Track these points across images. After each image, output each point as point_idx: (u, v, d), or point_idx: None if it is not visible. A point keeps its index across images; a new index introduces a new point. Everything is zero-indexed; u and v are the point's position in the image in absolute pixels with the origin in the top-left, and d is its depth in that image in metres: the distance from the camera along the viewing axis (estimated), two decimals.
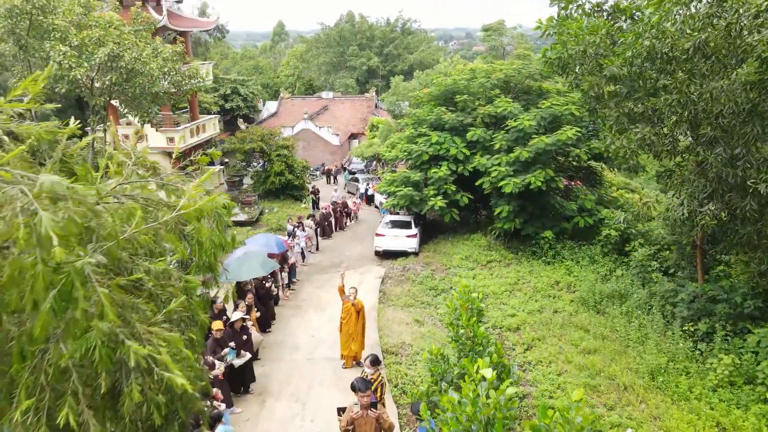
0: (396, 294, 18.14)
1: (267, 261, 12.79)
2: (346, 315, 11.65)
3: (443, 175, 22.25)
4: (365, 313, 12.17)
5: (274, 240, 15.20)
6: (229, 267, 12.41)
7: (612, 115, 13.38)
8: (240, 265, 12.25)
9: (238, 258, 12.70)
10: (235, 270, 12.25)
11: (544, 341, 14.90)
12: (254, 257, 12.57)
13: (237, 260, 12.54)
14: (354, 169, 46.02)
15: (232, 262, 12.56)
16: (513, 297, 18.14)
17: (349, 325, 11.65)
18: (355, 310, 11.69)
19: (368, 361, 8.82)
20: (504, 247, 22.49)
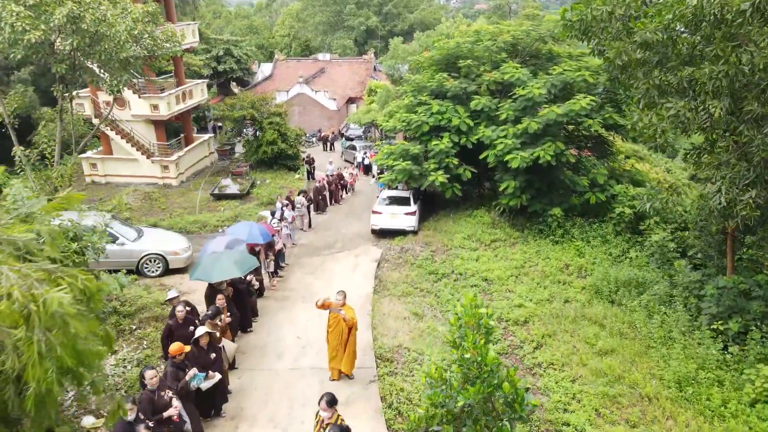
0: (393, 280, 16.57)
1: (245, 259, 11.14)
2: (334, 323, 10.07)
3: (445, 147, 20.41)
4: (356, 331, 10.53)
5: (258, 229, 13.53)
6: (200, 266, 10.78)
7: (640, 87, 11.53)
8: (212, 264, 10.61)
9: (212, 255, 11.06)
10: (205, 269, 10.62)
11: (555, 338, 13.40)
12: (229, 255, 10.90)
13: (210, 258, 10.89)
14: (351, 135, 44.01)
15: (204, 260, 10.93)
16: (519, 283, 16.58)
17: (336, 335, 10.08)
18: (346, 326, 10.10)
19: (324, 402, 7.20)
20: (509, 224, 20.84)
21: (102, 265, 15.14)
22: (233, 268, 10.46)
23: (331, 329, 10.10)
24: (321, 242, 20.08)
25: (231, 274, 10.53)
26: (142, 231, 16.36)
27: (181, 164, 29.52)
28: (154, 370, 7.72)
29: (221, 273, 10.43)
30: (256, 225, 13.84)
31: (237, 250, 11.78)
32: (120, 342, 11.74)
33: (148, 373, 7.63)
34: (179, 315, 9.64)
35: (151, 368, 7.73)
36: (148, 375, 7.62)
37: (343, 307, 10.08)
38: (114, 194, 27.43)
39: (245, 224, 13.83)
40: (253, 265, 11.23)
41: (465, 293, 7.88)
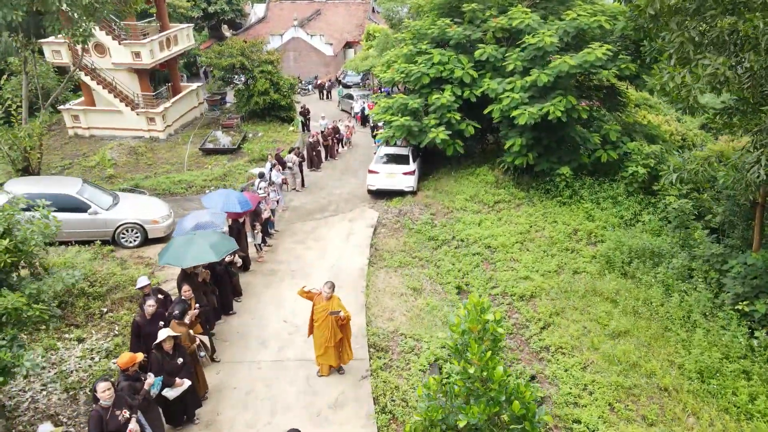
0: (389, 248, 15.39)
1: (223, 241, 9.80)
2: (321, 316, 8.90)
3: (446, 102, 18.79)
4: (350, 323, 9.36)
5: (236, 197, 12.18)
6: (171, 248, 9.54)
7: (673, 40, 9.94)
8: (185, 247, 9.33)
9: (186, 236, 9.74)
10: (176, 253, 9.35)
11: (563, 316, 12.33)
12: (205, 237, 9.60)
13: (183, 240, 9.58)
14: (349, 82, 41.92)
15: (176, 242, 9.65)
16: (525, 251, 15.41)
17: (324, 329, 8.94)
18: (337, 323, 8.92)
19: None
20: (513, 183, 19.47)
21: (74, 237, 13.98)
22: (209, 252, 9.21)
23: (317, 323, 8.96)
24: (314, 204, 18.79)
25: (206, 259, 9.29)
26: (117, 197, 15.04)
27: (168, 116, 27.87)
28: (108, 382, 6.59)
29: (195, 257, 9.20)
30: (234, 192, 12.48)
31: (214, 230, 10.47)
32: (88, 328, 10.66)
33: (100, 386, 6.52)
34: (148, 310, 8.47)
35: (105, 380, 6.60)
36: (100, 388, 6.50)
37: (329, 300, 8.88)
38: (98, 149, 26.02)
39: (221, 193, 12.45)
40: (231, 248, 9.93)
41: (470, 300, 6.66)
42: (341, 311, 8.76)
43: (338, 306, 8.81)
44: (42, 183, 14.17)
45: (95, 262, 12.33)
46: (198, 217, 11.19)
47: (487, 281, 14.06)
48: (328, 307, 8.82)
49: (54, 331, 10.26)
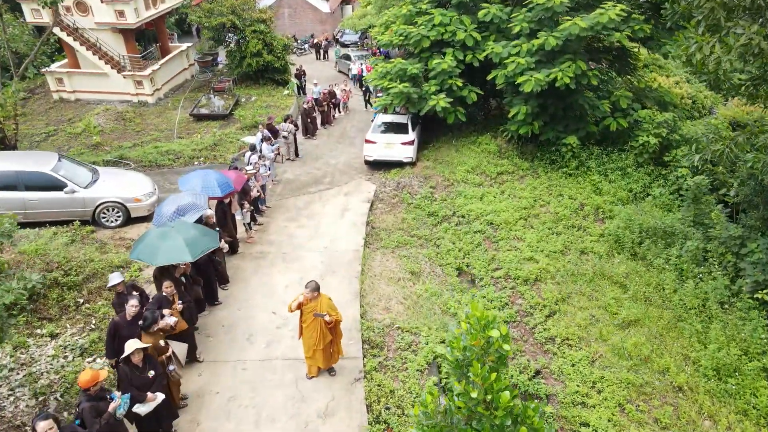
0: (387, 226, 14.54)
1: (202, 236, 8.73)
2: (309, 317, 8.10)
3: (448, 67, 17.61)
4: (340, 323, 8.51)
5: (215, 179, 11.17)
6: (144, 241, 8.67)
7: (703, 5, 8.82)
8: (158, 242, 8.43)
9: (162, 229, 8.79)
10: (149, 248, 8.45)
11: (570, 303, 11.60)
12: (181, 230, 8.66)
13: (157, 233, 8.65)
14: (347, 41, 40.19)
15: (151, 235, 8.75)
16: (529, 228, 14.58)
17: (312, 331, 8.16)
18: (326, 325, 8.10)
19: None
20: (517, 153, 18.48)
21: (51, 218, 13.12)
22: (183, 251, 8.30)
23: (305, 324, 8.18)
24: (308, 176, 17.83)
25: (179, 258, 8.40)
26: (97, 173, 14.08)
27: (157, 79, 26.57)
28: (49, 420, 5.66)
29: (168, 255, 8.32)
30: (212, 173, 11.47)
31: (197, 211, 9.56)
32: (62, 322, 9.92)
33: (39, 426, 5.64)
34: (130, 311, 7.65)
35: (45, 418, 5.66)
36: (40, 429, 5.65)
37: (316, 299, 8.07)
38: (84, 114, 24.86)
39: (198, 174, 11.41)
40: (210, 246, 8.94)
41: (472, 310, 5.83)
42: (326, 314, 7.96)
43: (327, 307, 8.01)
44: (14, 159, 13.20)
45: (72, 247, 11.50)
46: (178, 200, 10.28)
47: (489, 262, 13.27)
48: (315, 307, 8.03)
49: (25, 326, 9.53)
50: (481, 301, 11.81)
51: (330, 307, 7.97)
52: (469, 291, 12.36)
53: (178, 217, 9.95)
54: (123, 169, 17.55)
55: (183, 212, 9.99)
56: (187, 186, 11.15)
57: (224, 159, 18.83)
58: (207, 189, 11.06)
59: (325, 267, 12.08)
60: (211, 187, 11.13)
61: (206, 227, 9.49)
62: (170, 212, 10.05)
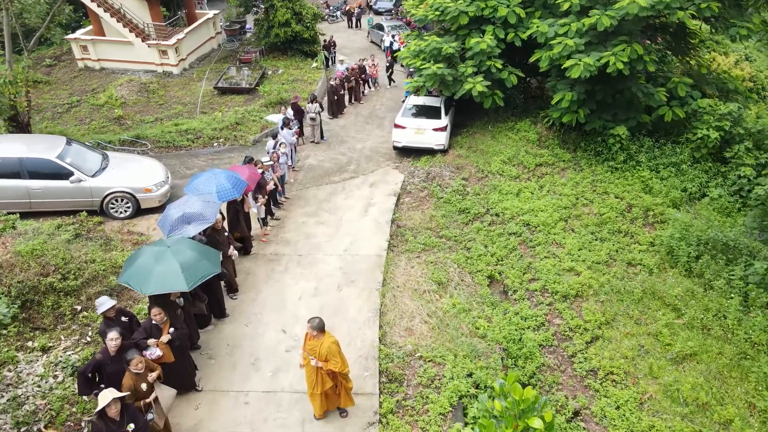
0: (413, 225, 13.29)
1: (200, 260, 7.55)
2: (311, 353, 6.95)
3: (486, 47, 15.94)
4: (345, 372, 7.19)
5: (227, 180, 9.94)
6: (136, 262, 7.60)
7: None
8: (152, 263, 7.27)
9: (157, 249, 7.58)
10: (138, 273, 7.34)
11: (615, 327, 10.27)
12: (181, 250, 7.44)
13: (152, 254, 7.48)
14: (381, 8, 38.19)
15: (144, 255, 7.63)
16: (570, 232, 13.17)
17: (311, 372, 7.05)
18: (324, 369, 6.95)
19: None
20: (558, 142, 16.86)
21: (56, 208, 12.25)
22: (178, 278, 7.14)
23: (305, 362, 7.07)
24: (332, 162, 16.59)
25: (174, 286, 7.25)
26: (107, 158, 13.10)
27: (182, 48, 25.40)
28: None
29: (160, 282, 7.19)
30: (222, 174, 10.25)
31: (195, 241, 8.32)
32: (57, 333, 9.07)
33: None
34: (111, 345, 6.68)
35: None
36: None
37: (318, 338, 6.91)
38: (108, 84, 23.98)
39: (210, 175, 10.17)
40: (210, 272, 7.73)
41: (508, 382, 4.64)
42: (320, 364, 6.79)
43: (326, 352, 6.78)
44: (19, 144, 12.28)
45: (73, 245, 10.61)
46: (187, 205, 9.15)
47: (524, 271, 11.97)
48: (315, 348, 6.89)
49: (15, 338, 8.71)
50: (514, 318, 10.57)
51: (331, 352, 6.76)
52: (501, 305, 11.12)
53: (182, 225, 8.88)
54: (139, 150, 16.61)
55: (188, 220, 8.90)
56: (199, 187, 9.97)
57: (245, 140, 17.71)
58: (222, 194, 9.93)
59: (343, 275, 10.96)
60: (226, 190, 10.00)
61: (208, 246, 8.36)
62: (175, 217, 8.98)
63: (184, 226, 8.92)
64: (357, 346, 8.97)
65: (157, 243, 7.91)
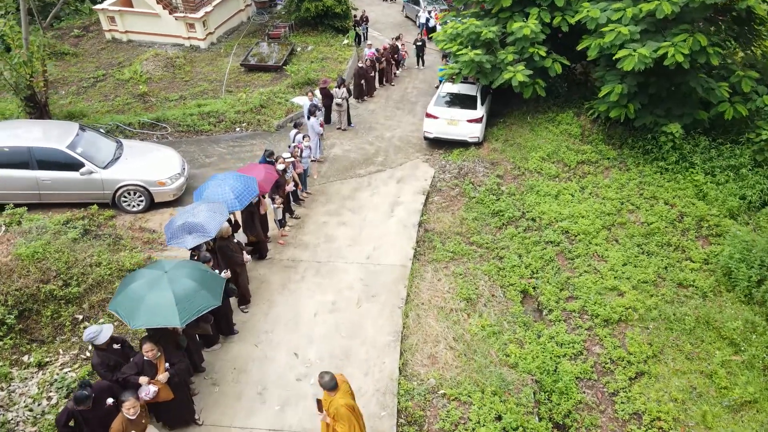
0: (442, 228, 12.25)
1: (200, 289, 6.66)
2: (324, 404, 6.07)
3: (530, 32, 14.49)
4: None
5: (234, 188, 8.96)
6: (127, 290, 6.76)
7: None
8: (144, 292, 6.33)
9: (151, 276, 6.60)
10: (131, 299, 6.47)
11: (663, 361, 9.16)
12: (177, 278, 6.53)
13: (146, 282, 6.53)
14: None
15: (136, 281, 6.74)
16: (613, 243, 11.97)
17: (323, 427, 6.19)
18: None
19: None
20: (603, 137, 15.46)
21: (66, 200, 11.57)
22: (170, 312, 6.17)
23: (320, 418, 6.19)
24: (358, 153, 15.54)
25: (164, 321, 6.28)
26: (121, 147, 12.31)
27: (210, 22, 24.37)
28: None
29: (150, 315, 6.25)
30: (231, 178, 9.27)
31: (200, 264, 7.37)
32: (55, 346, 8.41)
33: None
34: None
35: None
36: None
37: (336, 393, 6.00)
38: (134, 57, 23.22)
39: (219, 181, 9.12)
40: (210, 304, 6.70)
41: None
42: (328, 419, 5.88)
43: (334, 412, 5.81)
44: (30, 132, 11.55)
45: (79, 245, 9.91)
46: (192, 213, 8.26)
47: (562, 287, 10.87)
48: (327, 401, 5.98)
49: (11, 351, 8.09)
50: (549, 344, 9.54)
51: (339, 415, 5.74)
52: (535, 326, 10.07)
53: (182, 234, 8.04)
54: (159, 134, 15.81)
55: (189, 230, 8.06)
56: (210, 195, 9.03)
57: (269, 126, 16.75)
58: (239, 198, 9.02)
59: (364, 287, 10.05)
60: (239, 195, 9.09)
61: (212, 273, 7.44)
62: (178, 224, 8.15)
63: (184, 235, 8.08)
64: (375, 377, 8.10)
65: (155, 265, 7.06)
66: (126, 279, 7.01)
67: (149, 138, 15.53)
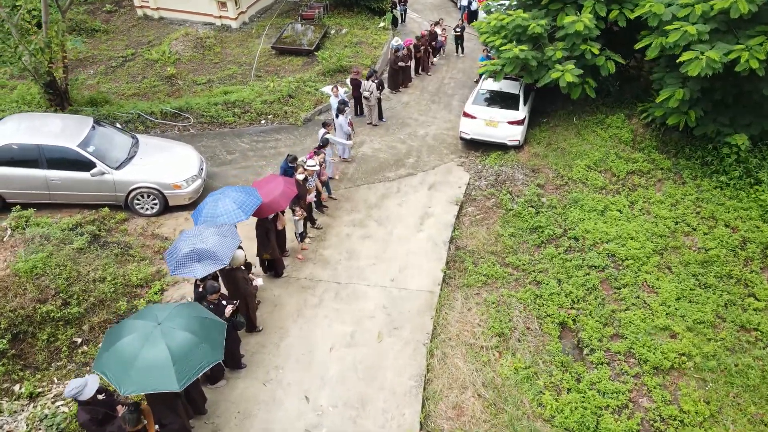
0: (475, 247, 11.14)
1: (201, 342, 5.77)
2: None
3: (584, 28, 12.98)
4: None
5: (241, 193, 8.06)
6: (110, 350, 5.88)
7: None
8: (135, 349, 5.29)
9: (144, 330, 5.68)
10: (117, 361, 5.55)
11: (722, 423, 7.99)
12: (170, 331, 5.59)
13: (139, 336, 5.58)
14: None
15: (126, 335, 5.82)
16: (665, 271, 10.70)
17: None
18: None
19: None
20: (657, 143, 14.00)
21: (78, 200, 10.85)
22: (166, 374, 5.18)
23: None
24: (389, 152, 14.41)
25: (160, 385, 5.28)
26: (137, 145, 11.47)
27: (242, 0, 23.28)
28: None
29: (142, 380, 5.29)
30: (232, 191, 8.30)
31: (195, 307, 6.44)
32: (50, 373, 7.72)
33: None
34: None
35: None
36: None
37: None
38: (165, 36, 22.41)
39: (218, 196, 8.25)
40: (212, 360, 5.80)
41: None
42: None
43: None
44: (41, 127, 10.76)
45: (84, 256, 9.17)
46: (199, 238, 7.34)
47: (606, 321, 9.70)
48: None
49: (2, 378, 7.43)
50: (589, 392, 8.44)
51: None
52: (574, 366, 8.96)
53: (190, 263, 7.17)
54: (181, 125, 14.96)
55: (198, 257, 7.17)
56: (209, 214, 8.13)
57: (295, 118, 15.72)
58: (245, 206, 8.11)
59: (386, 317, 9.08)
60: (245, 204, 8.18)
61: (213, 317, 6.53)
62: (184, 252, 7.26)
63: (192, 264, 7.21)
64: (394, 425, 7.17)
65: (146, 313, 6.16)
66: (112, 332, 6.13)
67: (171, 129, 14.71)
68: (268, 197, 8.71)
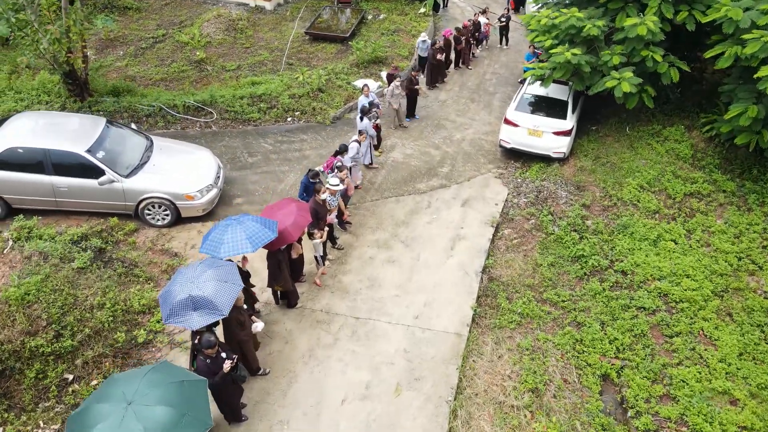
0: (510, 278, 9.98)
1: (183, 419, 4.80)
2: None
3: (646, 32, 11.39)
4: None
5: (257, 223, 7.14)
6: (105, 423, 5.01)
7: None
8: (129, 424, 4.57)
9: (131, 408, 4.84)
10: None
11: None
12: (144, 414, 4.59)
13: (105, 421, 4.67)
14: None
15: (114, 408, 4.95)
16: (725, 318, 9.35)
17: None
18: None
19: None
20: (719, 160, 12.44)
21: (86, 208, 10.08)
22: None
23: None
24: (420, 159, 13.22)
25: None
26: (151, 148, 10.57)
27: None
28: None
29: None
30: (248, 219, 7.35)
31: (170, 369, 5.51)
32: (36, 415, 6.99)
33: None
34: None
35: None
36: None
37: None
38: (197, 16, 21.47)
39: (233, 224, 7.16)
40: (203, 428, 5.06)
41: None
42: None
43: None
44: (50, 127, 9.99)
45: (84, 277, 8.41)
46: (197, 283, 6.40)
47: (655, 377, 8.50)
48: None
49: None
50: None
51: None
52: (616, 431, 7.82)
53: (185, 312, 6.28)
54: (203, 121, 14.03)
55: (195, 306, 6.27)
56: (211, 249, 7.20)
57: (324, 116, 14.61)
58: (255, 239, 7.17)
59: (406, 365, 8.08)
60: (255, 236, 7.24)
61: (193, 378, 5.56)
62: (179, 299, 6.36)
63: (188, 312, 6.32)
64: None
65: (110, 392, 5.15)
66: (75, 424, 5.18)
67: (192, 126, 13.80)
68: (278, 227, 7.71)
